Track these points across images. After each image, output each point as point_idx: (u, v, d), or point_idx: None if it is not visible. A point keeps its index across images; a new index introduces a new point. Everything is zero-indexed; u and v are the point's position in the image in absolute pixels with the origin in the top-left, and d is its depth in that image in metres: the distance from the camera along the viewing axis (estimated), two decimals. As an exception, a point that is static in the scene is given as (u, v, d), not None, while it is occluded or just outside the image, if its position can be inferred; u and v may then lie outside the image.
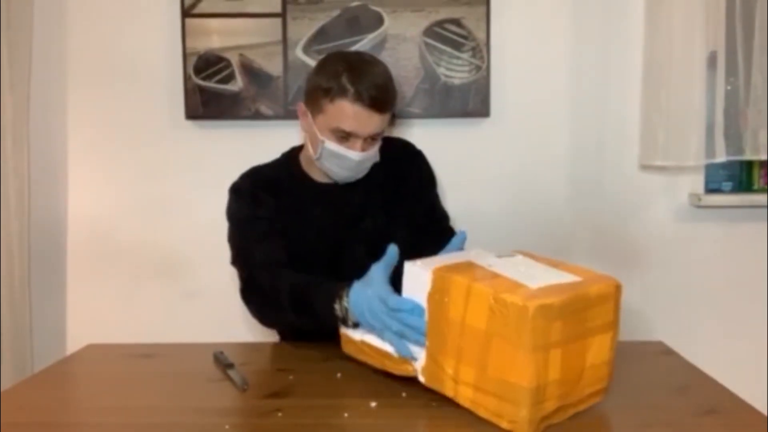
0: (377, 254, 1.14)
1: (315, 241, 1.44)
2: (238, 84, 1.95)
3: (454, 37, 1.93)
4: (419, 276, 1.03)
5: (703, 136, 1.86)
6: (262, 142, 1.67)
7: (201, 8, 1.94)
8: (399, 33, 1.94)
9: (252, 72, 1.95)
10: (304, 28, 1.93)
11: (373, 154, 1.41)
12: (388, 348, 1.08)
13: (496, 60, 1.96)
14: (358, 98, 1.32)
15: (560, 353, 0.91)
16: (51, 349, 2.02)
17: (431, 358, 1.02)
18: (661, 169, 1.96)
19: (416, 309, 1.03)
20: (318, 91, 1.36)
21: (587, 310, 0.94)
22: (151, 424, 0.99)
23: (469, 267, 1.02)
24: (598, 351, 0.97)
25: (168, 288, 2.04)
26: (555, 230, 2.00)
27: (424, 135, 1.88)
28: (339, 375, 1.16)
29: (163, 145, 2.01)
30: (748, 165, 2.04)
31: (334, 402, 1.03)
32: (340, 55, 1.45)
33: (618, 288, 0.98)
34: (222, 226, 1.45)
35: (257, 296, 1.35)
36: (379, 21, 1.94)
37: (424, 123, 1.97)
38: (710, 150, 1.87)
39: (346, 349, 1.17)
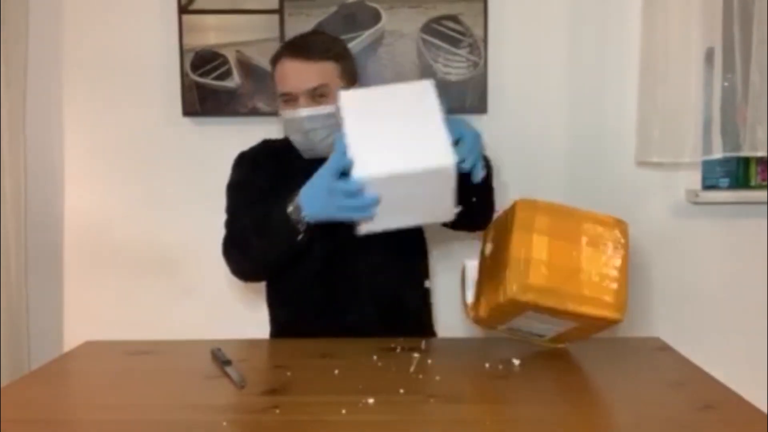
0: None
1: None
2: (235, 80, 1.95)
3: (452, 34, 1.93)
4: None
5: (699, 133, 1.85)
6: (259, 139, 1.66)
7: (198, 5, 1.93)
8: (396, 29, 1.93)
9: (249, 68, 1.94)
10: (301, 25, 1.92)
11: (326, 113, 1.39)
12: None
13: (494, 56, 1.96)
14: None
15: (546, 240, 1.15)
16: (48, 346, 2.01)
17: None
18: (658, 165, 1.96)
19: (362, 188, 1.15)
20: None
21: (580, 223, 1.19)
22: (149, 421, 0.99)
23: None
24: (596, 262, 1.17)
25: (165, 285, 2.04)
26: (552, 226, 2.00)
27: (422, 131, 1.87)
28: (336, 371, 1.16)
29: (160, 141, 2.01)
30: (746, 161, 2.04)
31: (331, 398, 1.03)
32: None
33: (619, 222, 1.24)
34: (219, 222, 1.45)
35: (235, 245, 1.40)
36: (376, 17, 1.93)
37: (421, 119, 1.97)
38: (707, 146, 1.87)
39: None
